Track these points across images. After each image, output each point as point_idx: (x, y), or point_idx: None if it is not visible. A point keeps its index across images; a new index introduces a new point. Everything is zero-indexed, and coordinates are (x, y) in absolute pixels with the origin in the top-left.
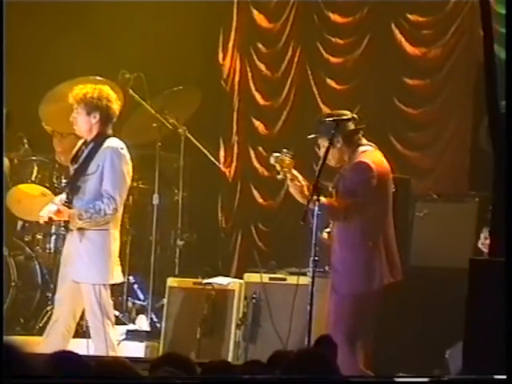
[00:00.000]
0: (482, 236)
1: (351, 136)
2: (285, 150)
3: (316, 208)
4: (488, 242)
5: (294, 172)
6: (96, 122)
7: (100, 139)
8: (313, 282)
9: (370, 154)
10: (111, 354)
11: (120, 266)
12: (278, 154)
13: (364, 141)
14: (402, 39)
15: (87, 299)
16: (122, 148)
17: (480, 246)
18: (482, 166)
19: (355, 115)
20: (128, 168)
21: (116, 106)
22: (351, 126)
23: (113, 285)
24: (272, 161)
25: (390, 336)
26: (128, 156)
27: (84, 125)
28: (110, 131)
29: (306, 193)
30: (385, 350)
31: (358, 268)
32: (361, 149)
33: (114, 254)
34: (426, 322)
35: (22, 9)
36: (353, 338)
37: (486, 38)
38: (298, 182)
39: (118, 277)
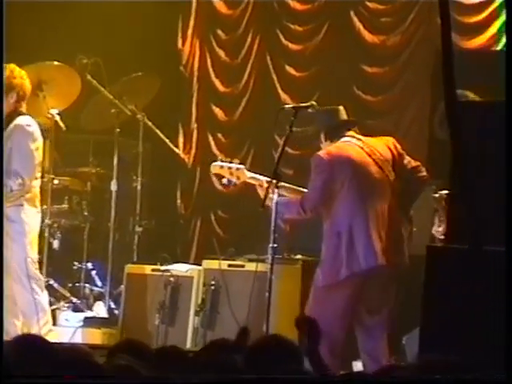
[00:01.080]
0: (436, 222)
1: (331, 130)
2: (229, 160)
3: (275, 195)
4: (440, 229)
5: (251, 174)
6: (13, 101)
7: (10, 118)
8: (271, 269)
9: (336, 146)
10: (43, 324)
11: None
12: (219, 164)
13: (350, 133)
14: (361, 27)
15: (15, 275)
16: (28, 125)
17: (434, 232)
18: (439, 154)
19: (314, 102)
20: (37, 144)
21: (28, 83)
22: (331, 120)
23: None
24: (212, 170)
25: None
26: (37, 132)
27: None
28: (22, 108)
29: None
30: (347, 337)
31: (324, 259)
32: (338, 141)
33: (33, 230)
34: None
35: None
36: (328, 326)
37: (443, 27)
38: (262, 185)
39: (35, 254)
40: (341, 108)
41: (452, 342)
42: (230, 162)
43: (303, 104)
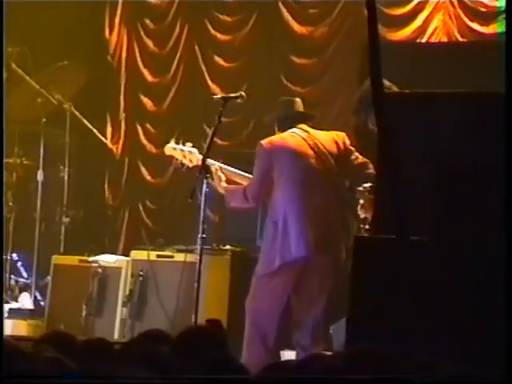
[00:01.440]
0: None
1: (283, 120)
2: (181, 142)
3: (204, 186)
4: (365, 218)
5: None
6: None
7: None
8: (200, 260)
9: (280, 136)
10: None
11: None
12: (172, 145)
13: (301, 125)
14: (289, 17)
15: None
16: None
17: (359, 212)
18: (365, 145)
19: (243, 93)
20: None
21: None
22: (286, 111)
23: None
24: (166, 152)
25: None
26: None
27: None
28: None
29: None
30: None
31: (263, 249)
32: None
33: None
34: None
35: None
36: (252, 315)
37: (369, 19)
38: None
39: None
40: (297, 100)
41: (378, 332)
42: (183, 145)
43: (232, 94)
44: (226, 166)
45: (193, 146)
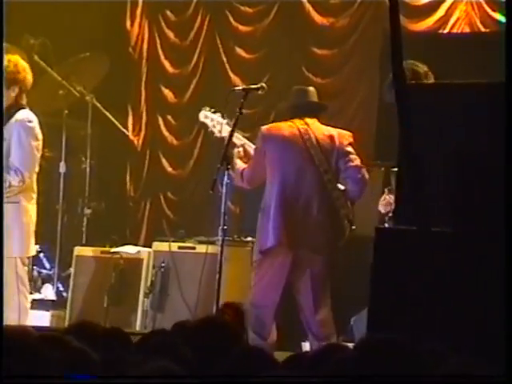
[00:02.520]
0: (382, 197)
1: (293, 109)
2: (213, 110)
3: (225, 177)
4: (386, 200)
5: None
6: (15, 95)
7: (11, 111)
8: (221, 251)
9: (278, 124)
10: (24, 322)
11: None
12: (204, 113)
13: (306, 117)
14: (310, 8)
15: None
16: (30, 121)
17: (380, 207)
18: (387, 135)
19: (264, 84)
20: (38, 144)
21: (30, 77)
22: (298, 99)
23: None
24: (199, 118)
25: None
26: (38, 129)
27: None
28: (23, 101)
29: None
30: (291, 318)
31: (257, 233)
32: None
33: (28, 227)
34: (334, 289)
35: None
36: (254, 302)
37: (391, 9)
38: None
39: (32, 250)
40: (311, 89)
41: (400, 324)
42: (214, 113)
43: (253, 86)
44: (251, 145)
45: (222, 116)
